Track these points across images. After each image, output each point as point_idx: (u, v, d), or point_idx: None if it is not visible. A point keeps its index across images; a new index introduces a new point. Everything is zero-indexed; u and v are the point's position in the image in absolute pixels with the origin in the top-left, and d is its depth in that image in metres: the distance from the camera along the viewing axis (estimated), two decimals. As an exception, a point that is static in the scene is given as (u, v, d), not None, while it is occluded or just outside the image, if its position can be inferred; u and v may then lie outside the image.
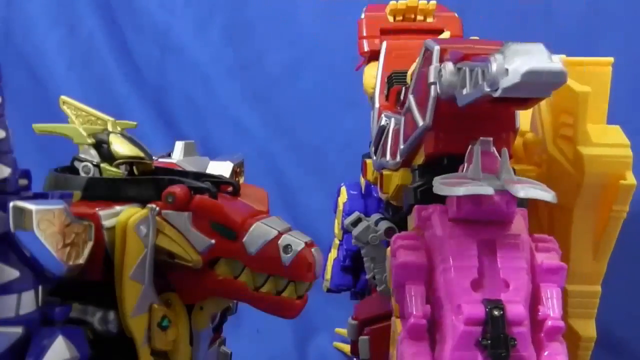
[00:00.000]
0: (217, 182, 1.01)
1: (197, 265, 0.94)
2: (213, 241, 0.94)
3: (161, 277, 0.96)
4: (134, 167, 1.01)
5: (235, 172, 1.08)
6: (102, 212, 0.89)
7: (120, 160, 0.97)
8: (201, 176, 1.02)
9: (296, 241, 0.94)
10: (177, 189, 0.93)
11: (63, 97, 0.99)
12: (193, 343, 0.99)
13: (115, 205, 0.92)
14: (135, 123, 1.03)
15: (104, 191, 0.95)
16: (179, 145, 1.13)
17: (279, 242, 0.94)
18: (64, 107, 0.99)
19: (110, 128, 0.98)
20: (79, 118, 0.98)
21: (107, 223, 0.88)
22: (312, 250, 0.95)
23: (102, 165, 0.97)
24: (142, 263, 0.90)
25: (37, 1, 2.09)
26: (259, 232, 0.94)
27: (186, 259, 0.93)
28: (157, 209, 0.93)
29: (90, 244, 0.85)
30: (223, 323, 1.09)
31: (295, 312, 0.97)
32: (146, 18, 2.08)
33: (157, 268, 0.94)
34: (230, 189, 1.01)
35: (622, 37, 1.83)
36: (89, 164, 0.97)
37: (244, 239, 0.94)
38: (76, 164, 0.98)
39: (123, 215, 0.89)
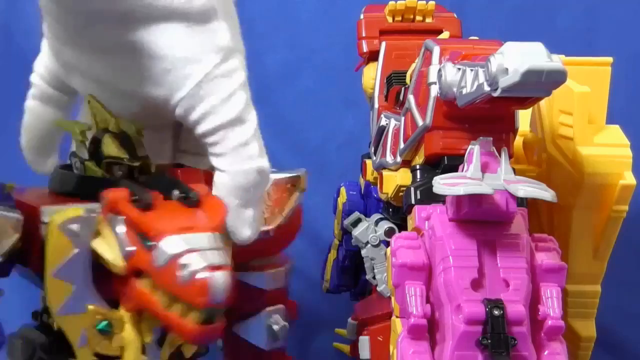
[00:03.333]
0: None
1: (120, 272, 0.87)
2: (133, 248, 0.86)
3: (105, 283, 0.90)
4: (134, 169, 0.99)
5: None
6: (45, 207, 0.86)
7: (108, 159, 0.96)
8: (175, 186, 0.93)
9: (197, 261, 0.82)
10: (110, 193, 0.87)
11: (89, 96, 0.98)
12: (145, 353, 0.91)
13: (77, 203, 0.89)
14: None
15: (73, 188, 0.93)
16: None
17: (180, 259, 0.82)
18: (89, 106, 0.98)
19: (110, 127, 0.98)
20: (95, 116, 0.97)
21: (47, 218, 0.86)
22: (216, 274, 0.82)
23: (86, 163, 0.96)
24: (70, 263, 0.86)
25: (37, 1, 2.08)
26: (169, 245, 0.84)
27: (114, 264, 0.87)
28: (97, 210, 0.88)
29: (12, 239, 0.83)
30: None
31: (198, 339, 0.86)
32: (146, 18, 2.08)
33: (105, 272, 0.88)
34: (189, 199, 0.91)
35: (622, 37, 1.83)
36: (78, 161, 0.97)
37: (155, 251, 0.84)
38: (72, 159, 0.98)
39: (60, 213, 0.86)
